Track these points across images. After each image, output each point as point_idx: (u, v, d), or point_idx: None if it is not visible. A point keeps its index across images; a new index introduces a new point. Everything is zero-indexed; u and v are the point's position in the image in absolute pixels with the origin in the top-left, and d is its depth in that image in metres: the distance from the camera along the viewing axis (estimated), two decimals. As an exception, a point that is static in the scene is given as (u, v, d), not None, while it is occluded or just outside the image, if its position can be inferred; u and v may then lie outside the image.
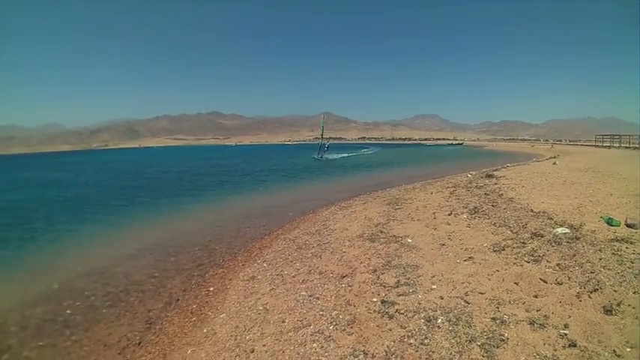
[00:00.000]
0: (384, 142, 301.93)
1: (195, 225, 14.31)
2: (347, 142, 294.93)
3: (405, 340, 4.07)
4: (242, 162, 57.10)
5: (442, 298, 4.90)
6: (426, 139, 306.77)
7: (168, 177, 36.20)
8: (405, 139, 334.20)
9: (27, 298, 8.04)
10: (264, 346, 4.55)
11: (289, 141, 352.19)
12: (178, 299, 7.25)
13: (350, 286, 5.91)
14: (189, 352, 5.07)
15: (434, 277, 5.65)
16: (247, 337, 4.88)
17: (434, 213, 9.88)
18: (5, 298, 8.18)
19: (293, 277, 6.95)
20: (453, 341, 3.91)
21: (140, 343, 5.74)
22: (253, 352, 4.49)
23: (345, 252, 7.80)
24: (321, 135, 60.27)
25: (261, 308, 5.77)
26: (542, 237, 6.80)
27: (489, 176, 16.04)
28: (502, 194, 11.22)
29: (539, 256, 5.96)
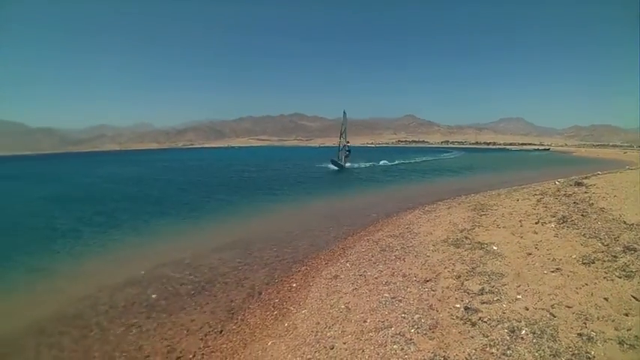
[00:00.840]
0: (467, 146, 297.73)
1: (279, 222, 15.41)
2: (429, 145, 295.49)
3: (487, 349, 4.21)
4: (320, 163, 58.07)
5: (527, 309, 4.97)
6: (510, 144, 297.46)
7: (254, 175, 38.53)
8: (489, 144, 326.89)
9: (116, 281, 9.11)
10: (344, 343, 4.89)
11: (372, 143, 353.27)
12: (261, 292, 7.89)
13: (433, 290, 6.10)
14: (269, 343, 5.58)
15: (519, 286, 5.71)
16: (328, 334, 5.26)
17: (520, 221, 9.81)
18: (96, 280, 9.28)
19: (376, 278, 7.26)
20: (536, 354, 3.99)
21: (222, 331, 6.37)
22: (333, 348, 4.85)
23: (429, 256, 8.01)
24: (343, 134, 44.91)
25: (343, 307, 6.14)
26: (635, 251, 6.59)
27: (578, 184, 15.43)
28: (592, 203, 10.85)
29: (631, 271, 5.79)
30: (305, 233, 12.84)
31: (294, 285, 8.09)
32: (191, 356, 5.75)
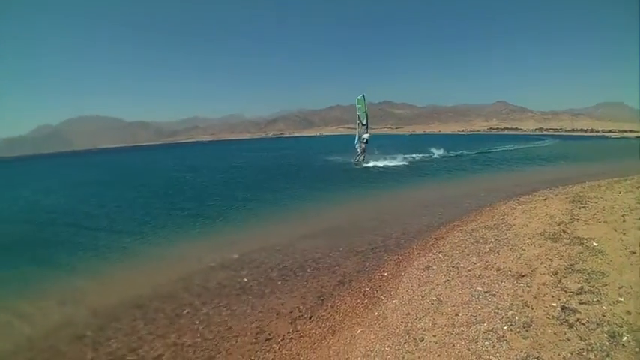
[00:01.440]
0: (562, 133, 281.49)
1: (370, 209, 16.06)
2: (522, 133, 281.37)
3: (584, 353, 4.17)
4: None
5: (629, 313, 4.84)
6: (610, 131, 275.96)
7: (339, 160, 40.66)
8: (585, 131, 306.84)
9: (209, 263, 10.01)
10: (434, 336, 5.08)
11: (463, 131, 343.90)
12: (352, 280, 8.30)
13: (528, 286, 6.10)
14: (358, 331, 5.92)
15: (621, 287, 5.52)
16: (418, 326, 5.48)
17: (623, 215, 9.38)
18: (191, 263, 10.24)
19: (469, 270, 7.39)
20: (639, 364, 3.89)
21: (311, 316, 6.82)
22: (423, 340, 5.05)
23: (524, 250, 7.98)
24: (362, 119, 36.63)
25: (434, 298, 6.35)
26: None
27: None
28: None
29: None
30: (396, 221, 13.19)
31: (386, 274, 8.39)
32: (280, 339, 6.20)
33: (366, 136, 35.58)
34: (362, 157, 35.79)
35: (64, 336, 7.03)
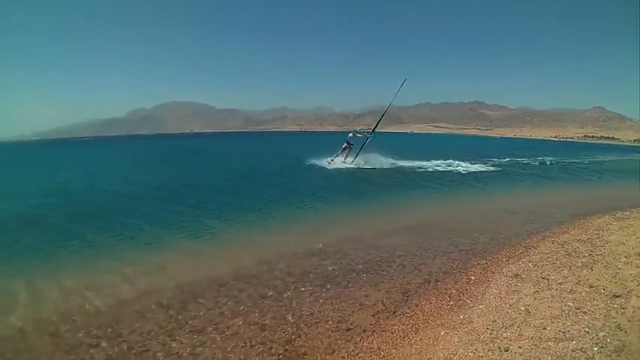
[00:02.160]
0: None
1: (458, 211, 16.44)
2: (619, 143, 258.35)
3: None
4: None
5: None
6: None
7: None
8: None
9: (294, 250, 10.82)
10: (519, 348, 5.24)
11: (555, 137, 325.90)
12: (438, 280, 8.61)
13: (623, 308, 6.05)
14: (442, 333, 6.19)
15: None
16: (504, 335, 5.67)
17: None
18: (276, 247, 11.11)
19: (559, 284, 7.45)
20: None
21: (395, 312, 7.19)
22: (507, 351, 5.22)
23: (620, 269, 7.85)
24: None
25: (522, 309, 6.50)
26: None
27: None
28: None
29: None
30: (485, 226, 13.32)
31: (473, 278, 8.61)
32: (361, 331, 6.60)
33: (368, 137, 34.94)
34: (340, 157, 34.90)
35: (148, 303, 7.96)
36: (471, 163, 35.77)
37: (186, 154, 58.09)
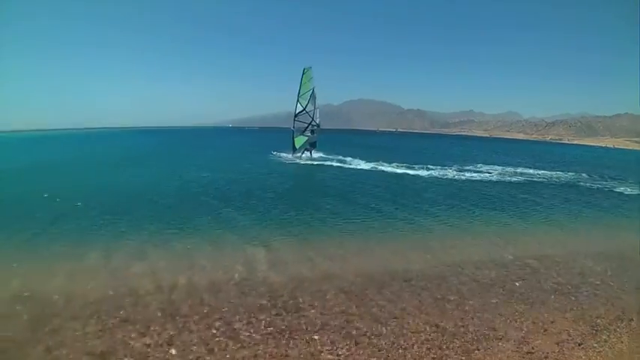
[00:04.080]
0: None
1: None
2: None
3: None
4: None
5: None
6: None
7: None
8: None
9: (482, 258, 11.18)
10: None
11: None
12: (632, 319, 7.98)
13: None
14: None
15: None
16: None
17: None
18: (466, 252, 11.56)
19: None
20: None
21: (581, 344, 6.92)
22: None
23: None
24: (302, 100, 38.94)
25: None
26: None
27: None
28: None
29: None
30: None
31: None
32: (543, 356, 6.49)
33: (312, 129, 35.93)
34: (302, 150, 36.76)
35: (329, 288, 8.82)
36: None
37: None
